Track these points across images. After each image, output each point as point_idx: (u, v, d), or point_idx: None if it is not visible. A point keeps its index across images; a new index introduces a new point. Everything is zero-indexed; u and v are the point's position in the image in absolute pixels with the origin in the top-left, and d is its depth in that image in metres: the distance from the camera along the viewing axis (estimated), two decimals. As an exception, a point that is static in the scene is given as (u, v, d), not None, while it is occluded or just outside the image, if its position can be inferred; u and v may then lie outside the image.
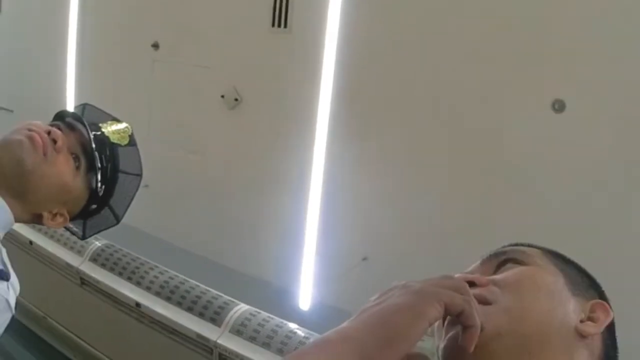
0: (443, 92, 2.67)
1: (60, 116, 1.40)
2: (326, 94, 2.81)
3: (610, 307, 0.83)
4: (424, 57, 2.70)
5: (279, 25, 3.06)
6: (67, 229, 1.47)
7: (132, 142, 1.44)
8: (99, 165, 1.34)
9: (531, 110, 2.44)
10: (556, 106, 2.39)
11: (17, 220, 1.27)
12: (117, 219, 1.46)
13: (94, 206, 1.38)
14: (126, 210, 1.47)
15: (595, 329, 0.79)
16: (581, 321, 0.79)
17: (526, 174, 2.47)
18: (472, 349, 0.74)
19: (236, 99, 3.26)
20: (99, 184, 1.35)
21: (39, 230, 3.58)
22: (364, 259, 2.99)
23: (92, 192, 1.35)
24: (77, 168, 1.31)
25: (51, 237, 3.53)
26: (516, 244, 0.93)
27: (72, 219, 1.38)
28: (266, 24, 3.09)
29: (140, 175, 1.47)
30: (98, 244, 3.38)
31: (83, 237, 1.49)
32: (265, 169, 3.19)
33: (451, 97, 2.65)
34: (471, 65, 2.57)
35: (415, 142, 2.77)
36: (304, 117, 2.92)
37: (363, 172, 2.91)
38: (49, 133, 1.26)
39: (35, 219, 1.31)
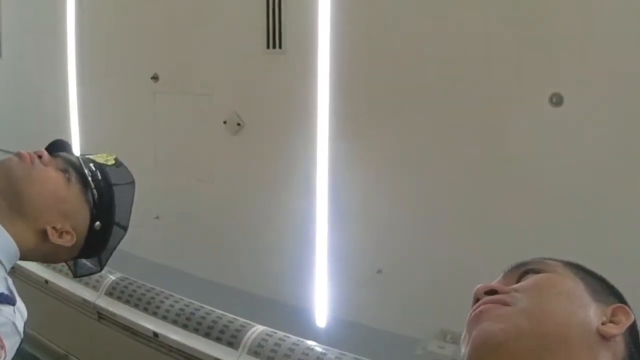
0: (438, 92, 2.70)
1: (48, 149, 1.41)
2: (324, 110, 2.84)
3: (632, 311, 0.84)
4: (417, 59, 2.73)
5: (274, 47, 3.10)
6: (84, 265, 1.47)
7: (118, 164, 1.45)
8: (89, 174, 1.34)
9: (529, 105, 2.47)
10: (554, 100, 2.41)
11: (22, 242, 1.24)
12: (125, 229, 1.44)
13: (98, 223, 1.35)
14: (129, 217, 1.45)
15: (617, 330, 0.79)
16: (602, 324, 0.80)
17: (538, 172, 2.47)
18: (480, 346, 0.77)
19: (239, 124, 3.29)
20: (94, 192, 1.34)
21: (54, 269, 3.60)
22: (379, 271, 3.00)
23: (92, 205, 1.34)
24: (68, 179, 1.31)
25: (66, 274, 3.55)
26: (539, 257, 0.93)
27: (85, 252, 1.37)
28: (261, 46, 3.13)
29: (133, 182, 1.46)
30: (112, 277, 3.40)
31: (101, 267, 1.48)
32: (272, 190, 3.21)
33: (450, 96, 2.67)
34: (468, 63, 2.60)
35: (420, 147, 2.79)
36: (305, 134, 2.96)
37: (370, 184, 2.94)
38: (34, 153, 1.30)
39: (41, 237, 1.27)
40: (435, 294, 2.76)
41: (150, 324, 3.12)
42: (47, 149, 1.41)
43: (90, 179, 1.34)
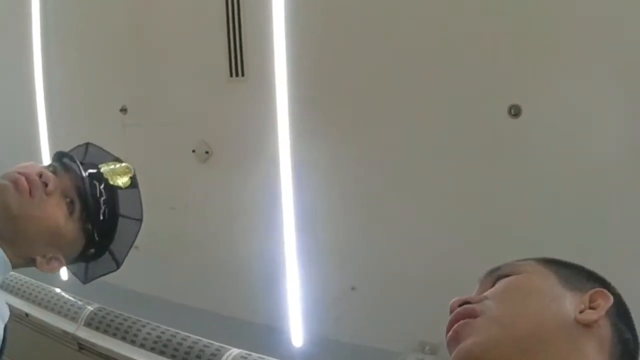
0: (398, 106, 2.76)
1: (58, 157, 1.36)
2: (284, 130, 2.95)
3: (613, 292, 0.84)
4: (373, 74, 2.80)
5: (237, 75, 3.17)
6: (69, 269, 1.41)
7: (133, 184, 1.40)
8: (95, 209, 1.28)
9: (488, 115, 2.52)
10: (512, 111, 2.47)
11: (11, 260, 1.20)
12: (118, 265, 1.41)
13: (92, 250, 1.33)
14: (126, 255, 1.41)
15: (594, 315, 0.79)
16: (580, 312, 0.79)
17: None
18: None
19: (207, 152, 3.36)
20: (95, 230, 1.29)
21: (33, 302, 3.65)
22: (353, 288, 3.04)
23: (89, 237, 1.30)
24: (71, 212, 1.25)
25: (45, 307, 3.60)
26: (512, 261, 0.94)
27: (70, 262, 1.34)
28: (225, 74, 3.21)
29: (141, 219, 1.42)
30: (90, 308, 3.45)
31: (85, 281, 1.44)
32: (241, 213, 3.27)
33: (410, 110, 2.73)
34: (426, 77, 2.67)
35: (384, 160, 2.84)
36: (269, 158, 3.03)
37: (336, 200, 3.00)
38: (40, 175, 1.22)
39: (30, 263, 1.25)
40: (412, 306, 2.79)
41: (128, 352, 3.16)
42: (60, 156, 1.36)
43: (95, 210, 1.28)
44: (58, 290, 3.70)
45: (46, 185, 1.21)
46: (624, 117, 2.28)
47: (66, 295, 3.63)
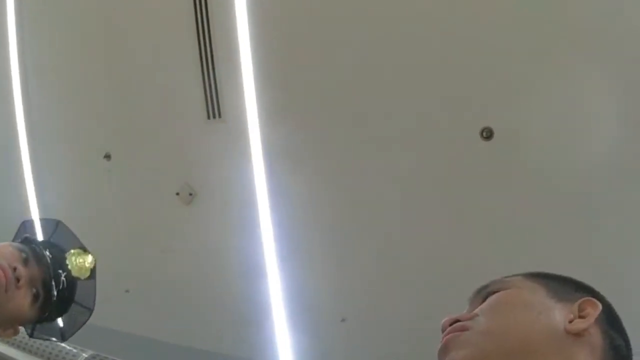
0: (372, 129, 2.80)
1: (28, 242, 1.45)
2: (260, 170, 3.01)
3: (601, 300, 0.84)
4: (343, 94, 2.85)
5: (214, 117, 3.22)
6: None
7: (92, 276, 1.50)
8: (56, 299, 1.40)
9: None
10: (484, 134, 2.50)
11: None
12: (63, 338, 1.55)
13: (44, 322, 1.46)
14: (74, 333, 1.53)
15: (584, 324, 0.79)
16: (570, 322, 0.79)
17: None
18: None
19: (190, 194, 3.40)
20: (50, 314, 1.42)
21: (29, 352, 3.66)
22: (343, 320, 3.06)
23: (43, 316, 1.42)
24: (35, 301, 1.37)
25: (41, 356, 3.61)
26: (500, 277, 0.94)
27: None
28: (203, 117, 3.26)
29: (91, 311, 1.52)
30: (85, 355, 3.46)
31: (30, 336, 1.53)
32: (228, 252, 3.31)
33: (384, 132, 2.77)
34: (398, 100, 2.70)
35: (361, 189, 2.88)
36: (248, 198, 3.07)
37: (317, 233, 3.03)
38: (14, 269, 1.32)
39: None
40: (404, 336, 2.80)
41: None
42: (26, 244, 1.45)
43: (55, 299, 1.40)
44: (53, 338, 3.70)
45: (18, 280, 1.32)
46: (598, 133, 2.31)
47: (60, 344, 3.64)
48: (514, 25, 2.40)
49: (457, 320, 0.85)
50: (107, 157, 3.71)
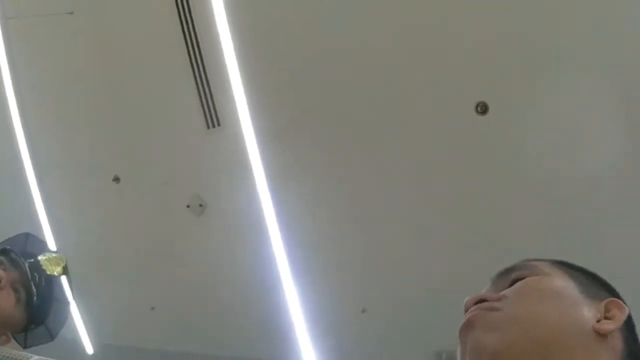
0: (367, 127, 2.84)
1: (4, 252, 1.57)
2: (260, 175, 3.02)
3: (625, 303, 0.82)
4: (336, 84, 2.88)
5: (214, 126, 3.25)
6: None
7: (65, 272, 1.63)
8: (36, 296, 1.51)
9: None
10: (479, 108, 2.49)
11: None
12: (52, 337, 1.63)
13: (33, 326, 1.55)
14: (60, 329, 1.65)
15: (613, 325, 0.77)
16: (597, 320, 0.77)
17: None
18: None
19: (201, 205, 3.43)
20: (35, 312, 1.52)
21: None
22: (363, 311, 3.06)
23: (30, 317, 1.52)
24: (18, 301, 1.48)
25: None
26: (525, 260, 0.91)
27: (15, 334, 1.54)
28: (202, 127, 3.29)
29: (69, 303, 1.66)
30: None
31: (24, 347, 1.61)
32: (242, 259, 3.33)
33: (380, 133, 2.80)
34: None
35: (359, 187, 2.92)
36: (254, 204, 3.09)
37: (322, 237, 3.06)
38: None
39: None
40: (423, 318, 2.81)
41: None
42: (6, 251, 1.57)
43: (35, 297, 1.52)
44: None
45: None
46: (594, 115, 2.33)
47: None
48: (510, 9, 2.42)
49: (483, 300, 0.82)
50: (116, 179, 3.74)
